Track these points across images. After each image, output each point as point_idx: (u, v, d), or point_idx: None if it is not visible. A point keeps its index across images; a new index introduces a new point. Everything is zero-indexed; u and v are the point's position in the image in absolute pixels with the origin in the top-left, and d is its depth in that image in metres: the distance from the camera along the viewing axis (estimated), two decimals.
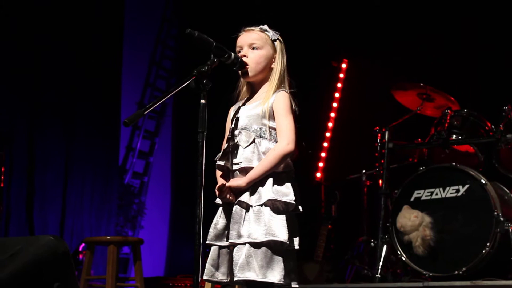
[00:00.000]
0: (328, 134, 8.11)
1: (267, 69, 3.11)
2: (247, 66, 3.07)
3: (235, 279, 2.89)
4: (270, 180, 2.93)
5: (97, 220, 7.77)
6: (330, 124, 8.12)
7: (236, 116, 3.11)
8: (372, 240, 6.20)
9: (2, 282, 2.35)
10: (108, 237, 5.32)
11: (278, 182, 2.95)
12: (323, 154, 8.05)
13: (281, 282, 2.84)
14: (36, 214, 6.99)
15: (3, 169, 6.16)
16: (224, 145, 3.07)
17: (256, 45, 3.09)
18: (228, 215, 2.98)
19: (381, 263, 5.39)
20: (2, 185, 6.14)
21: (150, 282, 6.31)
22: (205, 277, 3.00)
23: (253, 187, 2.94)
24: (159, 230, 9.16)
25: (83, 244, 6.51)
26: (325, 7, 7.83)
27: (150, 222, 8.97)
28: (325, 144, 8.09)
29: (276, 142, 2.99)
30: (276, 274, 2.84)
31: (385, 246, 5.44)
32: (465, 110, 5.54)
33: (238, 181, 2.94)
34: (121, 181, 8.72)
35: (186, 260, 8.59)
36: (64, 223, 7.28)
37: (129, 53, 8.68)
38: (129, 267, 8.36)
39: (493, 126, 5.39)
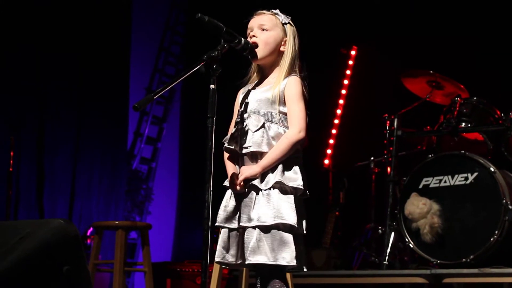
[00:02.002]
0: (336, 121, 8.10)
1: (276, 52, 3.11)
2: (256, 49, 3.07)
3: (246, 262, 2.91)
4: (280, 167, 2.94)
5: (105, 205, 7.80)
6: (338, 111, 8.11)
7: (246, 99, 3.10)
8: (379, 227, 6.21)
9: (12, 265, 2.37)
10: (117, 222, 5.33)
11: (287, 167, 2.96)
12: (331, 141, 8.04)
13: (292, 264, 2.85)
14: (46, 198, 7.02)
15: (12, 153, 6.18)
16: (232, 128, 3.07)
17: (265, 26, 3.09)
18: (238, 198, 2.99)
19: (388, 250, 5.40)
20: (11, 169, 6.16)
21: (157, 267, 6.33)
22: (216, 259, 3.01)
23: (263, 173, 2.94)
24: (166, 215, 9.18)
25: (91, 229, 6.54)
26: None
27: (158, 208, 8.98)
28: (334, 131, 8.08)
29: (285, 127, 2.99)
30: (286, 257, 2.84)
31: (392, 233, 5.45)
32: (475, 98, 5.52)
33: (251, 171, 2.94)
34: (129, 167, 8.74)
35: (193, 245, 8.62)
36: (73, 208, 7.30)
37: (138, 38, 8.67)
38: (137, 252, 8.39)
39: (502, 114, 5.37)
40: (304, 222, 2.97)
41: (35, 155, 6.97)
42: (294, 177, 2.94)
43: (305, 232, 2.96)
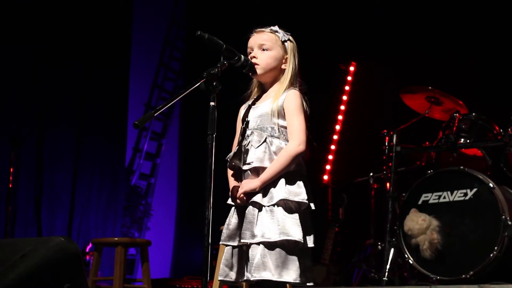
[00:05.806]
0: (335, 137, 8.11)
1: (277, 70, 3.11)
2: (256, 67, 3.07)
3: (251, 278, 2.89)
4: (282, 181, 2.94)
5: (104, 221, 7.79)
6: (337, 127, 8.12)
7: (247, 116, 3.10)
8: (379, 243, 6.20)
9: (13, 283, 2.36)
10: (116, 238, 5.32)
11: (290, 181, 2.95)
12: (330, 157, 8.05)
13: (297, 281, 2.84)
14: (44, 214, 7.01)
15: (11, 169, 6.18)
16: (235, 145, 3.07)
17: (266, 46, 3.09)
18: (240, 215, 2.98)
19: (388, 266, 5.38)
20: (11, 185, 6.17)
21: (157, 284, 6.31)
22: (219, 278, 3.02)
23: (265, 187, 2.94)
24: (165, 231, 9.17)
25: (90, 245, 6.53)
26: (333, 10, 7.83)
27: (156, 224, 8.98)
28: (333, 147, 8.09)
29: (287, 141, 3.00)
30: (291, 273, 2.84)
31: (392, 249, 5.43)
32: (473, 114, 5.52)
33: (251, 184, 2.94)
34: (128, 182, 8.74)
35: (192, 261, 8.60)
36: (72, 223, 7.30)
37: (138, 54, 8.71)
38: (135, 268, 8.37)
39: (501, 130, 5.37)
40: (311, 236, 2.97)
41: (34, 171, 6.98)
42: (298, 191, 2.94)
43: (312, 245, 2.96)
